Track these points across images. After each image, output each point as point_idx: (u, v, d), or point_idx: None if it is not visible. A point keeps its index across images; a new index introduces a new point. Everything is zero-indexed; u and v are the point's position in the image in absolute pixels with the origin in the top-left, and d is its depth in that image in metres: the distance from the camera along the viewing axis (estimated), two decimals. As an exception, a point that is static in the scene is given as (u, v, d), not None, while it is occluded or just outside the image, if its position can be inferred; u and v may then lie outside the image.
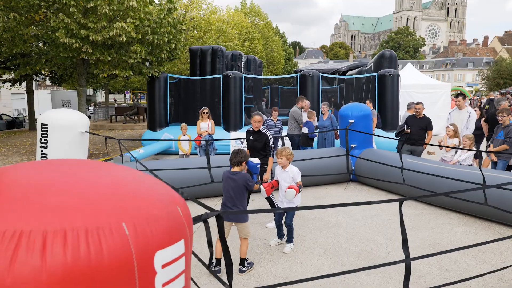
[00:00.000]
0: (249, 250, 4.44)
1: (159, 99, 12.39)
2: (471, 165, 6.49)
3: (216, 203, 6.45)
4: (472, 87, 60.57)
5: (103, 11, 9.38)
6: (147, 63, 11.86)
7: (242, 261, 4.07)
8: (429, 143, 7.21)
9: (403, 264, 2.85)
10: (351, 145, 8.02)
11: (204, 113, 9.13)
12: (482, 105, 27.56)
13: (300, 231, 5.27)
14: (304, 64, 68.31)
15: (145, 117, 22.60)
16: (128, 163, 8.79)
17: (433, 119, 14.13)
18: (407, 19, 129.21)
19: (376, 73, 12.12)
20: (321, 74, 12.38)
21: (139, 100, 29.34)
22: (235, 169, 4.02)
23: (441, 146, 6.68)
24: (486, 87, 47.44)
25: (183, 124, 8.78)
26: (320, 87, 12.14)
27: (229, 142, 10.91)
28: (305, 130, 8.73)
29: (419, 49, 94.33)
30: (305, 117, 9.99)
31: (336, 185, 7.98)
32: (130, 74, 10.92)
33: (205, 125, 9.11)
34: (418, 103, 7.49)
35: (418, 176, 6.30)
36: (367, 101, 13.96)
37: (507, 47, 74.07)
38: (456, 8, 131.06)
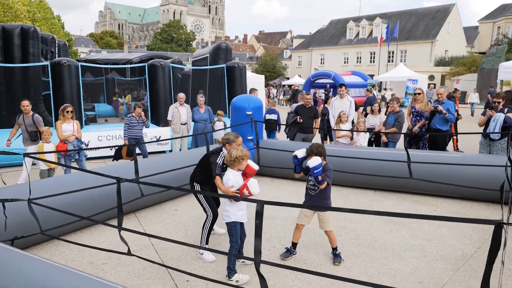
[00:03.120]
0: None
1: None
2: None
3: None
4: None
5: None
6: None
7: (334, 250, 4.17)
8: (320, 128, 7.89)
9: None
10: (248, 137, 7.89)
11: (67, 112, 7.14)
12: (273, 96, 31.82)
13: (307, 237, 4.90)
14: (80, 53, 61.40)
15: None
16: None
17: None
18: (174, 12, 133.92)
19: (224, 65, 12.20)
20: (171, 64, 11.54)
21: None
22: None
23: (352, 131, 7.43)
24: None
25: (46, 128, 6.57)
26: (171, 78, 11.31)
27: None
28: (273, 116, 9.33)
29: (191, 42, 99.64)
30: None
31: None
32: None
33: (69, 127, 7.14)
34: (308, 93, 8.03)
35: (337, 160, 6.80)
36: (200, 91, 13.99)
37: (263, 44, 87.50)
38: (216, 7, 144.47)
